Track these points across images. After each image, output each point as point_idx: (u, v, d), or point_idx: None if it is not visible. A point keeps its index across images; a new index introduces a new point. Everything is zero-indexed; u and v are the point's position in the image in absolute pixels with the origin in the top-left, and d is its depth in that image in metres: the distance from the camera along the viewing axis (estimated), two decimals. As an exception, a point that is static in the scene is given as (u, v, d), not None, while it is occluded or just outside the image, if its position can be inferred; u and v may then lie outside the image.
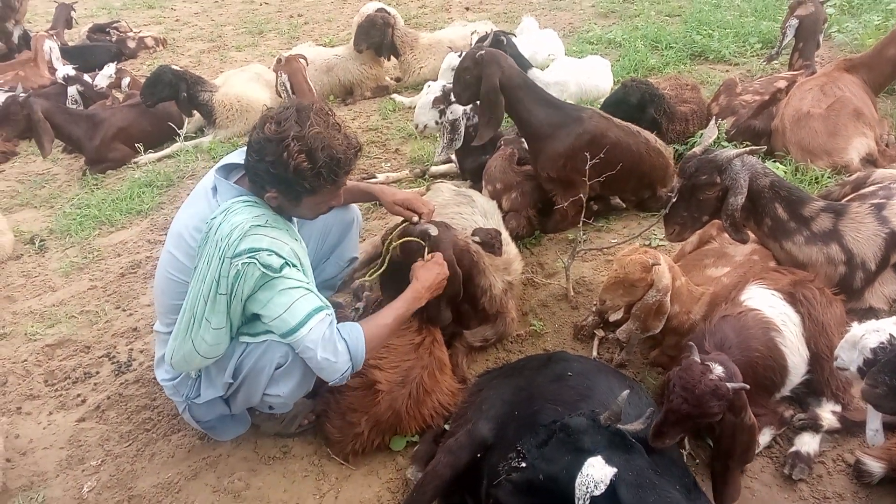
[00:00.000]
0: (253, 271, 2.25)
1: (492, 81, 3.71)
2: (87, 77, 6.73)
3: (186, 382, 2.62)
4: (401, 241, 2.83)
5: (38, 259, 4.57)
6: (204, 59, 8.55)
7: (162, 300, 2.61)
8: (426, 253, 2.77)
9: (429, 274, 2.66)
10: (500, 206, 3.83)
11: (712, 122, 3.21)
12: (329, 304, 2.45)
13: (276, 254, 2.29)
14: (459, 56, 4.84)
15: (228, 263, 2.24)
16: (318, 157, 2.23)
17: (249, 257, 2.23)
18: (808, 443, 2.52)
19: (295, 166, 2.21)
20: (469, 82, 3.85)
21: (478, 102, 4.21)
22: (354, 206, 3.31)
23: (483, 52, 3.80)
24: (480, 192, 3.98)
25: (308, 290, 2.37)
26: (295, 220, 2.67)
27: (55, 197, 5.49)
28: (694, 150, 2.94)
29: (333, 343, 2.36)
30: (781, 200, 2.86)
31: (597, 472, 1.68)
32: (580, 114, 3.81)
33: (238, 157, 2.56)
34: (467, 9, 9.45)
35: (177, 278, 2.49)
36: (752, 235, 2.98)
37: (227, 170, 2.55)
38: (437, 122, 4.42)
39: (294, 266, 2.36)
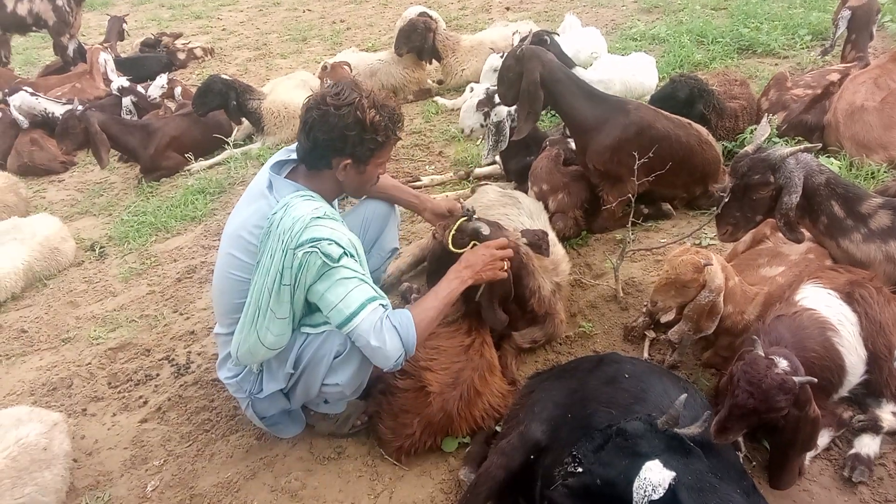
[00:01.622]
0: (315, 260, 2.34)
1: (532, 76, 3.71)
2: (140, 88, 6.94)
3: (249, 378, 2.71)
4: (452, 235, 2.81)
5: (99, 265, 4.74)
6: (251, 67, 8.73)
7: (223, 301, 2.70)
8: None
9: (474, 257, 2.67)
10: (546, 207, 3.84)
11: (764, 119, 3.15)
12: (383, 294, 2.51)
13: (336, 243, 2.37)
14: (501, 56, 4.87)
15: (291, 254, 2.33)
16: (384, 111, 2.50)
17: (311, 247, 2.33)
18: (867, 444, 2.46)
19: (371, 120, 2.45)
20: (512, 80, 3.85)
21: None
22: None
23: (524, 48, 3.83)
24: (526, 193, 3.98)
25: (363, 280, 2.45)
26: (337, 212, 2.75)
27: (113, 205, 5.68)
28: (746, 148, 2.89)
29: (383, 332, 2.42)
30: (838, 198, 2.78)
31: (655, 475, 1.68)
32: (626, 105, 3.78)
33: (286, 154, 2.72)
34: (508, 9, 9.43)
35: (239, 277, 2.57)
36: (806, 234, 2.92)
37: (278, 167, 2.68)
38: (482, 125, 4.43)
39: (352, 256, 2.44)
